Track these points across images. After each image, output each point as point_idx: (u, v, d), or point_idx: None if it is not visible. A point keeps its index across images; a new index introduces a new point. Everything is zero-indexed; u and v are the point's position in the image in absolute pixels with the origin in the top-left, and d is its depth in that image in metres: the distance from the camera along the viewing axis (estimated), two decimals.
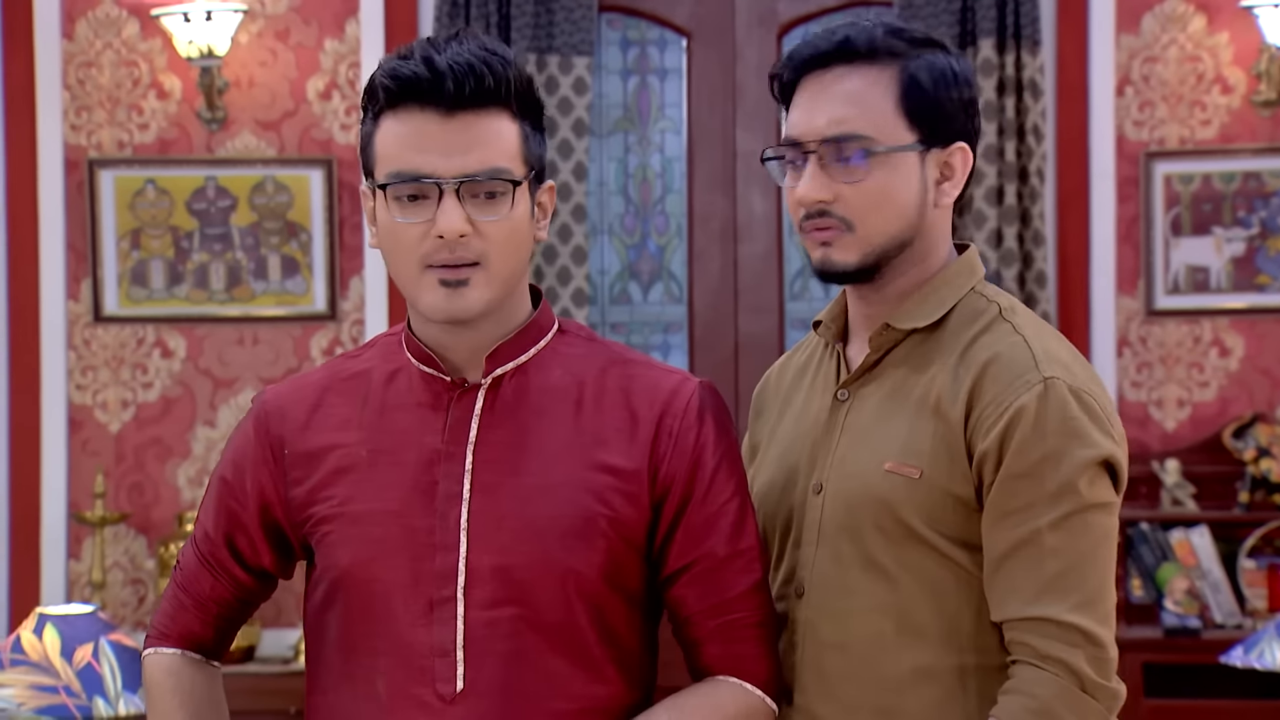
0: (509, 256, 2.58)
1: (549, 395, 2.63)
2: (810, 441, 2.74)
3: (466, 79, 2.54)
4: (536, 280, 6.24)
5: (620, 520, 2.57)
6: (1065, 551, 2.54)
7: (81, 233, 6.43)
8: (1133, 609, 6.13)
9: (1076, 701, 2.53)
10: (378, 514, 2.62)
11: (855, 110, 2.64)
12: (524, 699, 2.57)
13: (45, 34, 6.42)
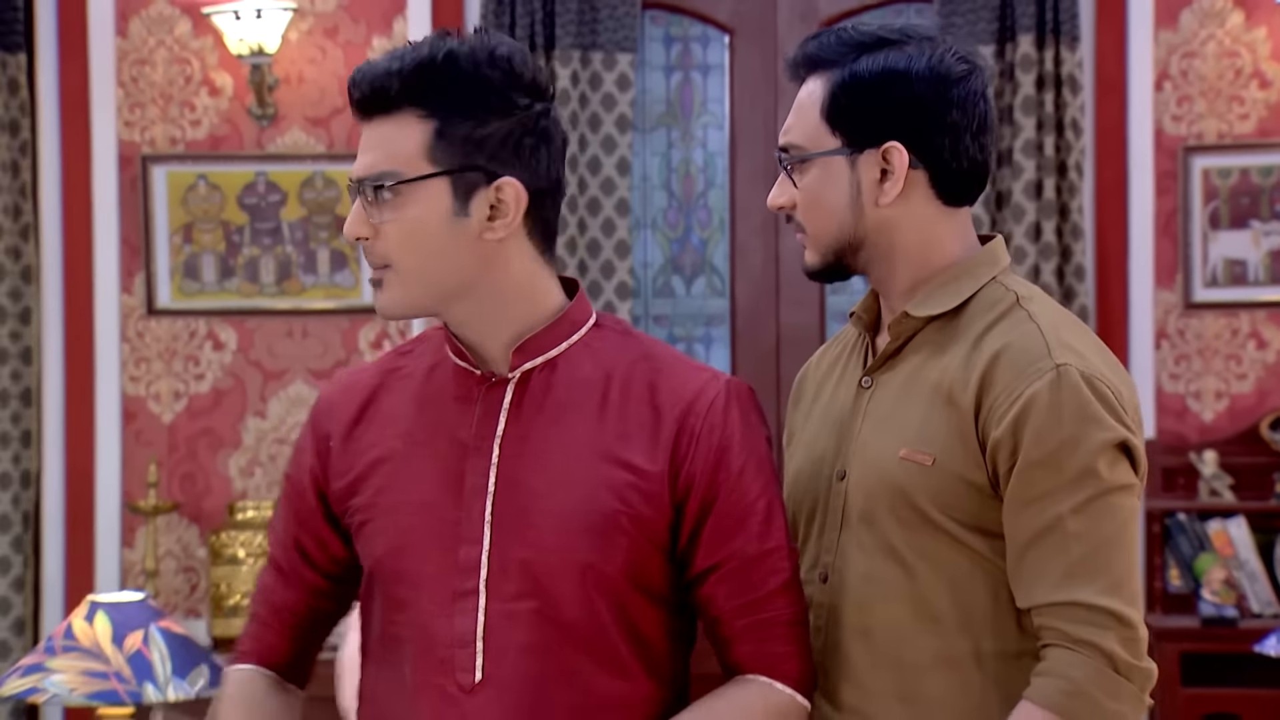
0: (413, 256, 2.56)
1: (577, 390, 2.61)
2: (837, 428, 2.76)
3: (368, 86, 2.56)
4: (580, 274, 6.28)
5: (640, 518, 2.55)
6: (1089, 535, 2.54)
7: (135, 227, 6.46)
8: (1170, 599, 6.15)
9: (1110, 683, 2.53)
10: (409, 505, 2.63)
11: (795, 120, 2.74)
12: (542, 692, 2.56)
13: (99, 32, 6.45)
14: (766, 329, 6.49)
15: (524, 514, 2.57)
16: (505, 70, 2.53)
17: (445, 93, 2.54)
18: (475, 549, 2.58)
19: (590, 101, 6.32)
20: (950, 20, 6.28)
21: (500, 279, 2.59)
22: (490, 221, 2.55)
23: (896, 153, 2.66)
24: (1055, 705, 2.52)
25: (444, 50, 2.54)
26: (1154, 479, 6.23)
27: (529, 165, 2.55)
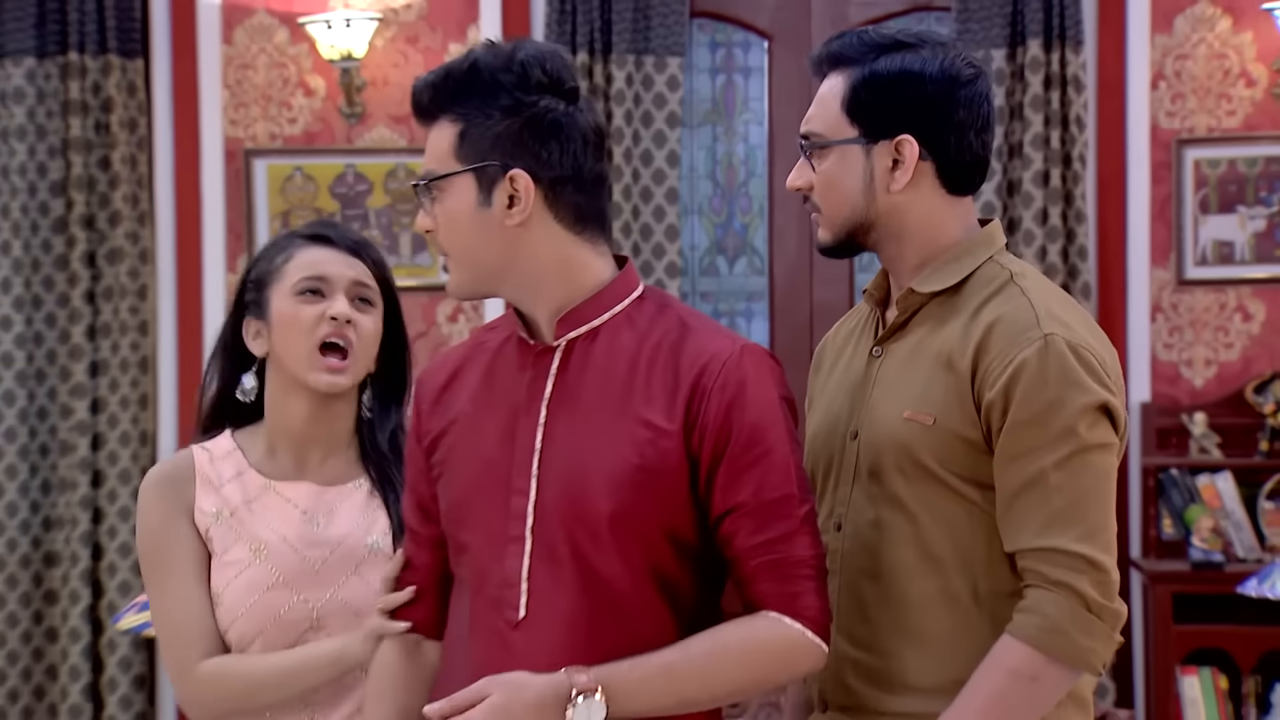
0: (456, 244, 2.63)
1: (615, 357, 2.61)
2: (850, 393, 2.77)
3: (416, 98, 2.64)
4: (634, 255, 6.29)
5: (659, 471, 2.55)
6: (1068, 488, 2.56)
7: (238, 214, 6.49)
8: (1163, 545, 6.15)
9: (1083, 621, 2.55)
10: (473, 460, 2.66)
11: (817, 111, 2.76)
12: (578, 630, 2.56)
13: (207, 40, 6.48)
14: (801, 304, 6.50)
15: (564, 468, 2.59)
16: (519, 73, 2.56)
17: (468, 98, 2.58)
18: (523, 499, 2.60)
19: (643, 100, 6.33)
20: (966, 26, 6.26)
21: (531, 259, 2.60)
22: (509, 209, 2.57)
23: (908, 145, 2.68)
24: (1033, 640, 2.55)
25: (470, 61, 2.59)
26: (1149, 438, 6.24)
27: (538, 156, 2.57)
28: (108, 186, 6.40)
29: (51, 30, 6.39)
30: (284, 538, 2.92)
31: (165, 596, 2.93)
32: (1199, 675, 5.98)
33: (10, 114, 6.40)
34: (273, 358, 2.94)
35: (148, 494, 2.97)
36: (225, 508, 2.92)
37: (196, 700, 2.92)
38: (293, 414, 2.96)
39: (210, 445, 2.98)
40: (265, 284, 2.95)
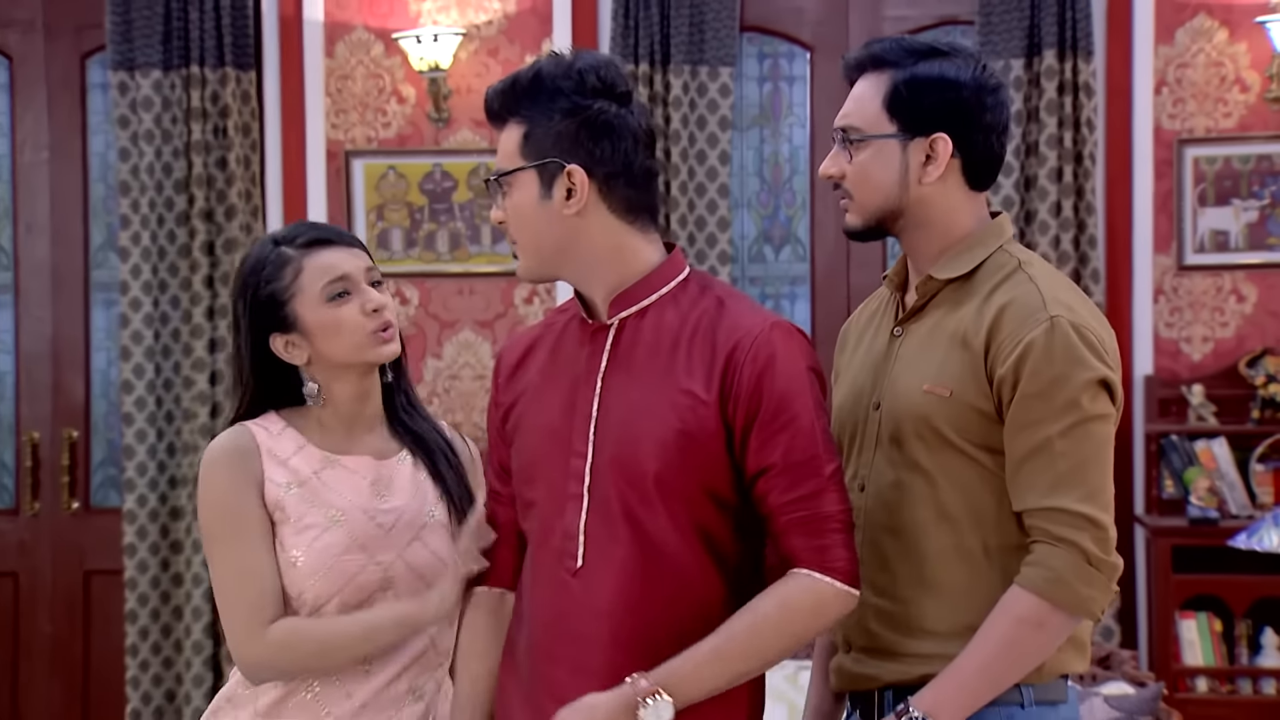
0: (522, 233, 2.65)
1: (662, 333, 2.63)
2: (873, 368, 2.78)
3: (487, 104, 2.68)
4: (689, 244, 6.30)
5: (698, 435, 2.57)
6: (1071, 454, 2.57)
7: (339, 208, 6.51)
8: (1164, 503, 6.13)
9: (1084, 572, 2.56)
10: (539, 426, 2.70)
11: (854, 107, 2.73)
12: (628, 576, 2.58)
13: (312, 54, 6.51)
14: (839, 288, 6.50)
15: (616, 433, 2.61)
16: (577, 80, 2.60)
17: (533, 102, 2.61)
18: (580, 461, 2.63)
19: (698, 106, 6.34)
20: (989, 38, 6.25)
21: (588, 245, 2.64)
22: (567, 201, 2.60)
23: (942, 142, 2.69)
24: (1039, 590, 2.56)
25: (534, 70, 2.63)
26: (1152, 407, 6.23)
27: (592, 153, 2.61)
28: (224, 184, 6.45)
29: (176, 46, 6.43)
30: (357, 505, 2.87)
31: (236, 562, 2.82)
32: (1196, 619, 5.98)
33: (140, 120, 6.44)
34: (319, 358, 2.87)
35: (217, 465, 2.85)
36: (296, 479, 2.85)
37: (265, 662, 2.82)
38: (342, 395, 2.90)
39: (264, 423, 2.90)
40: (283, 301, 2.85)
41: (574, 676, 2.61)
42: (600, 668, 2.59)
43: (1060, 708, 2.68)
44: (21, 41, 6.79)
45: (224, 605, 2.84)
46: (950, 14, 6.54)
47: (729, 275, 6.34)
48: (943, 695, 2.57)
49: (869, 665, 2.71)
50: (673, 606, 2.59)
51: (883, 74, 2.70)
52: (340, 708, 2.83)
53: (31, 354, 6.78)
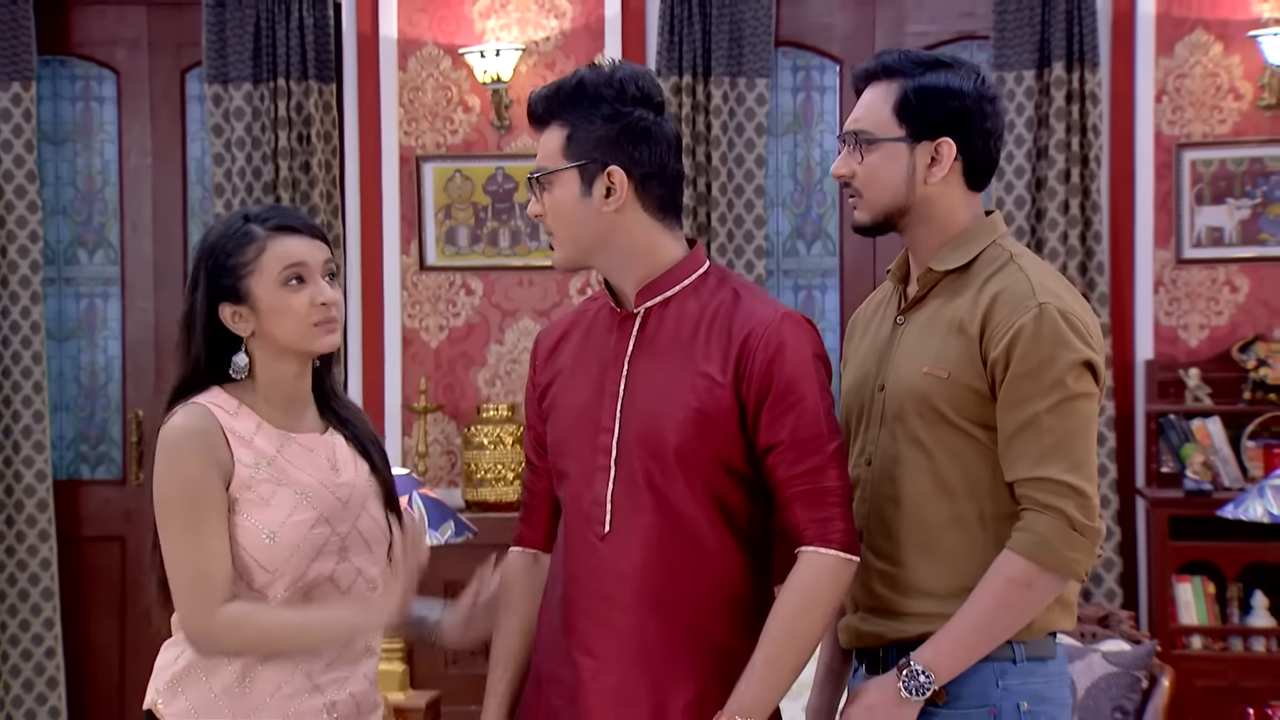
0: (562, 227, 2.63)
1: (683, 322, 2.63)
2: (878, 353, 2.77)
3: (531, 106, 2.66)
4: (728, 240, 6.28)
5: (714, 413, 2.57)
6: (1057, 429, 2.56)
7: (410, 207, 6.51)
8: (1162, 477, 6.07)
9: (1068, 537, 2.55)
10: (572, 405, 2.70)
11: (865, 112, 2.72)
12: (651, 540, 2.59)
13: (386, 68, 6.51)
14: (866, 280, 6.44)
15: (640, 411, 2.61)
16: (617, 88, 2.60)
17: (575, 107, 2.60)
18: (608, 436, 2.63)
19: (736, 114, 6.30)
20: (1003, 51, 6.20)
21: (623, 240, 2.64)
22: (606, 199, 2.59)
23: (947, 146, 2.68)
24: (1027, 553, 2.55)
25: (577, 78, 2.62)
26: (1151, 389, 6.17)
27: (631, 156, 2.60)
28: (307, 186, 6.46)
29: (265, 62, 6.45)
30: (319, 480, 2.77)
31: (198, 543, 2.68)
32: (1191, 583, 5.91)
33: (231, 128, 6.46)
34: (260, 334, 2.76)
35: (184, 445, 2.71)
36: (262, 458, 2.73)
37: (212, 641, 2.71)
38: (284, 375, 2.78)
39: (220, 402, 2.75)
40: (240, 274, 2.74)
41: (599, 630, 2.62)
42: (622, 624, 2.61)
43: (1049, 663, 2.66)
44: (128, 58, 6.82)
45: (180, 581, 2.71)
46: (968, 29, 6.49)
47: (765, 268, 6.32)
48: (940, 651, 2.57)
49: (873, 624, 2.70)
50: (690, 568, 2.59)
51: (893, 82, 2.69)
52: (311, 665, 2.76)
53: (136, 340, 6.81)
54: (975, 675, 2.59)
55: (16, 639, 6.51)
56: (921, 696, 2.56)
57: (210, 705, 2.72)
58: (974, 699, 2.59)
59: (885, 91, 2.69)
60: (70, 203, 6.85)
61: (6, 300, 6.51)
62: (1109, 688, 4.56)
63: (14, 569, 6.50)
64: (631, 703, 2.59)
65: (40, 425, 6.51)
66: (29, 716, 6.51)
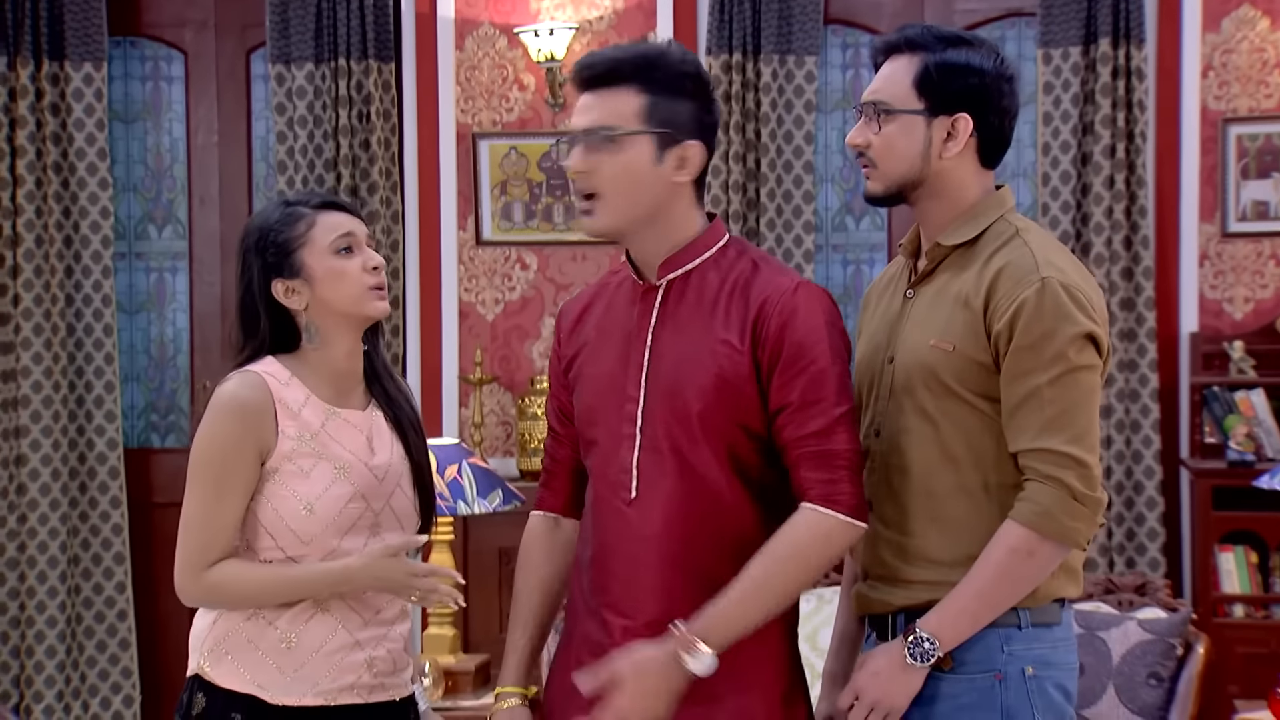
0: (622, 189, 2.63)
1: (704, 293, 2.69)
2: (889, 327, 2.80)
3: (603, 65, 2.66)
4: (776, 215, 6.32)
5: (734, 378, 2.63)
6: (1059, 400, 2.58)
7: (468, 183, 6.57)
8: (1206, 448, 6.08)
9: (1070, 507, 2.58)
10: (598, 375, 2.76)
11: (885, 84, 2.74)
12: (675, 503, 2.65)
13: (444, 47, 6.56)
14: None
15: (664, 380, 2.67)
16: (694, 70, 2.67)
17: (657, 77, 2.64)
18: (634, 405, 2.69)
19: (785, 91, 6.34)
20: (1049, 28, 6.20)
21: (670, 213, 2.69)
22: (678, 169, 2.65)
23: (964, 122, 2.70)
24: (1029, 522, 2.59)
25: (660, 50, 2.67)
26: (1196, 361, 6.17)
27: (706, 138, 2.68)
28: (367, 163, 6.53)
29: (326, 42, 6.53)
30: (357, 457, 2.86)
31: (210, 507, 2.78)
32: (1234, 552, 5.93)
33: (294, 106, 6.55)
34: (317, 305, 2.85)
35: (230, 415, 2.79)
36: (306, 431, 2.82)
37: (196, 598, 2.83)
38: (338, 350, 2.88)
39: (273, 371, 2.84)
40: (292, 248, 2.85)
41: (628, 591, 2.69)
42: (649, 584, 2.67)
43: (1055, 629, 2.70)
44: (195, 39, 6.93)
45: (185, 536, 2.82)
46: (1015, 6, 6.49)
47: (813, 243, 6.35)
48: (945, 618, 2.61)
49: (882, 591, 2.75)
50: (712, 528, 2.65)
51: (915, 56, 2.71)
52: (350, 622, 2.86)
53: (203, 313, 6.94)
54: (980, 641, 2.63)
55: (90, 601, 6.67)
56: (927, 663, 2.61)
57: (258, 663, 2.83)
58: (979, 664, 2.64)
59: (906, 64, 2.71)
60: (140, 180, 6.98)
61: (79, 275, 6.65)
62: (1144, 654, 4.59)
63: (87, 534, 6.66)
64: None
65: (111, 395, 6.66)
66: (102, 676, 6.67)
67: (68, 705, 6.64)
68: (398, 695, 2.94)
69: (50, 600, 6.59)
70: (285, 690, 2.82)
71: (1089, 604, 4.79)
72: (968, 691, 2.64)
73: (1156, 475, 6.10)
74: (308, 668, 2.82)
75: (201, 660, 2.87)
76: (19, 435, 6.58)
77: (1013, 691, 2.63)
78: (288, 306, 2.86)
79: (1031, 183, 6.45)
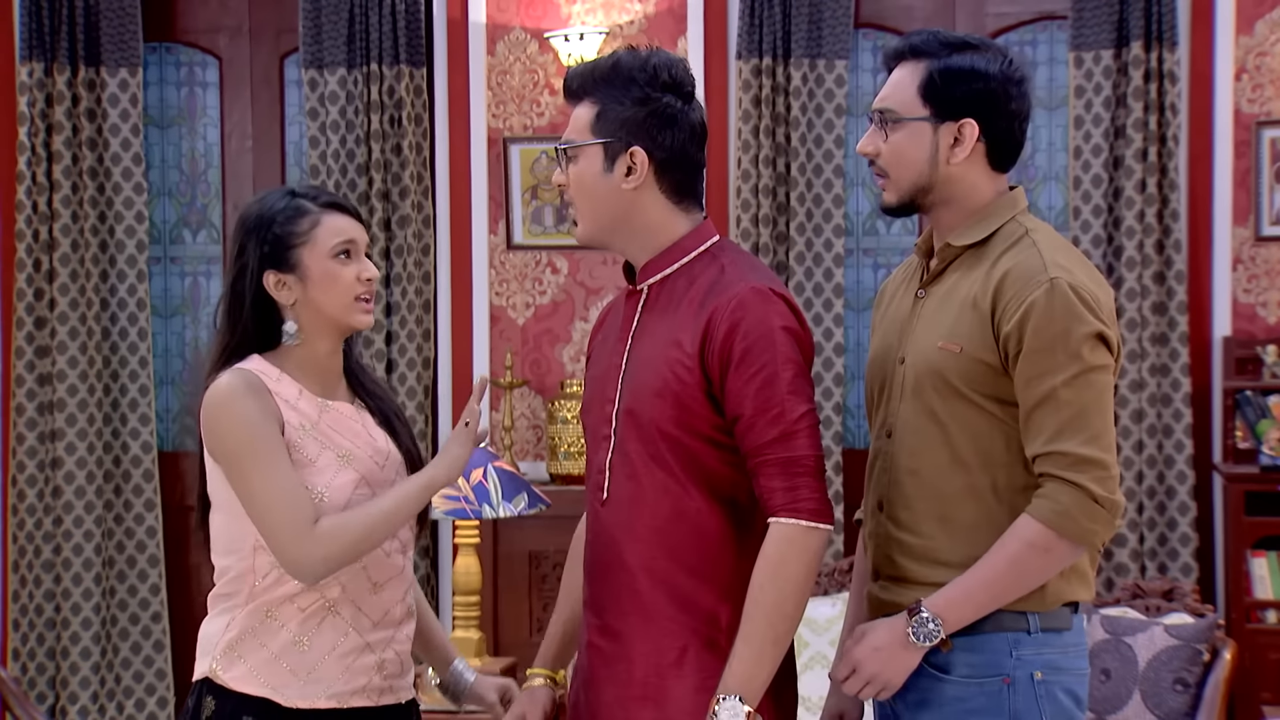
0: (582, 200, 2.71)
1: (675, 298, 2.70)
2: (900, 327, 2.80)
3: (568, 81, 2.74)
4: (806, 219, 6.32)
5: (685, 384, 2.63)
6: (1075, 402, 2.58)
7: (498, 187, 6.60)
8: (1239, 453, 6.05)
9: (1088, 508, 2.58)
10: (592, 378, 2.83)
11: (892, 91, 2.74)
12: (639, 504, 2.67)
13: (475, 52, 6.59)
14: None
15: (632, 384, 2.70)
16: (650, 74, 2.67)
17: (608, 86, 2.68)
18: (611, 406, 2.72)
19: (816, 95, 6.34)
20: (1081, 31, 6.18)
21: (639, 219, 2.72)
22: (626, 177, 2.67)
23: (969, 127, 2.70)
24: (1047, 520, 2.59)
25: (614, 59, 2.70)
26: (1229, 365, 6.14)
27: (655, 139, 2.68)
28: (399, 167, 6.57)
29: (358, 47, 6.57)
30: (358, 445, 2.87)
31: (277, 478, 2.74)
32: (1266, 557, 5.90)
33: (326, 111, 6.60)
34: (305, 304, 2.85)
35: (240, 397, 2.77)
36: (306, 421, 2.82)
37: (321, 557, 2.74)
38: (319, 350, 2.89)
39: (262, 369, 2.84)
40: (292, 243, 2.84)
41: (602, 591, 2.74)
42: (619, 585, 2.70)
43: (1065, 634, 2.70)
44: (230, 45, 6.99)
45: (270, 519, 2.75)
46: (1047, 9, 6.47)
47: (843, 247, 6.35)
48: (952, 601, 2.62)
49: (893, 592, 2.75)
50: (672, 531, 2.66)
51: (920, 63, 2.71)
52: (360, 624, 2.87)
53: None
54: (989, 645, 2.64)
55: (125, 603, 6.72)
56: (928, 643, 2.61)
57: (270, 666, 2.84)
58: (988, 668, 2.64)
59: (912, 72, 2.71)
60: (175, 184, 7.04)
61: (114, 279, 6.71)
62: (1170, 660, 4.58)
63: (122, 536, 6.72)
64: (620, 660, 2.70)
65: (146, 399, 6.72)
66: (137, 678, 6.72)
67: (103, 707, 6.69)
68: (404, 698, 2.95)
69: (85, 603, 6.64)
70: (299, 693, 2.83)
71: (1116, 609, 4.78)
72: (975, 695, 2.64)
73: (1189, 480, 6.07)
74: (320, 670, 2.84)
75: (214, 663, 2.88)
76: (55, 439, 6.64)
77: (1021, 696, 2.63)
78: (275, 299, 2.86)
79: (1063, 186, 6.43)
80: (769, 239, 6.31)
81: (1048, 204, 6.50)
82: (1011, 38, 6.49)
